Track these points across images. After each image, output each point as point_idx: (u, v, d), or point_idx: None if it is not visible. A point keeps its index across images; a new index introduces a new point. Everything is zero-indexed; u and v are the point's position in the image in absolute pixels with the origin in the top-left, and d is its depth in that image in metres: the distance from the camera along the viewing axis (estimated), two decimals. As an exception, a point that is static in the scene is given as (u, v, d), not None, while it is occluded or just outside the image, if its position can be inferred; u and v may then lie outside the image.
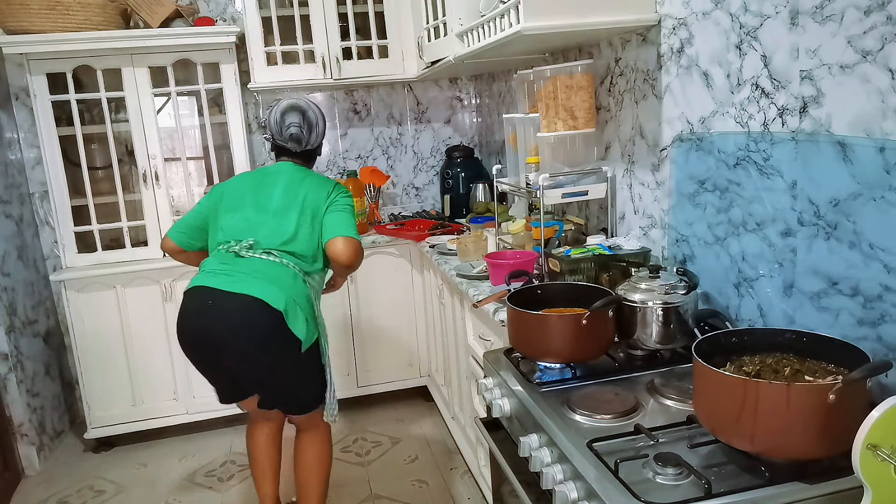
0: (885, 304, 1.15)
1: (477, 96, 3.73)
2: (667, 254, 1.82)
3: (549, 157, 2.04)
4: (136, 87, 2.92)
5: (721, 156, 1.54)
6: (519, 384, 1.43)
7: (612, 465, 1.05)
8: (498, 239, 2.43)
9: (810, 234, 1.30)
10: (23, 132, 3.19)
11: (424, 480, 2.65)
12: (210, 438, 3.14)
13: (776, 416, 0.97)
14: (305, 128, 2.08)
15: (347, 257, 1.94)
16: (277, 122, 2.07)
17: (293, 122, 2.07)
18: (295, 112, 2.08)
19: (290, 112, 2.07)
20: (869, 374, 0.95)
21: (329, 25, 3.07)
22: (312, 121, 2.10)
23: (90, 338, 2.97)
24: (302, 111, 2.08)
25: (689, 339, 1.40)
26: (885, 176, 1.12)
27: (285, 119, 2.07)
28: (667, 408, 1.28)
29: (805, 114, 1.30)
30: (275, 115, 2.08)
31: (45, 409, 3.12)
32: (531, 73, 2.08)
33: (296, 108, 2.08)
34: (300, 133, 2.07)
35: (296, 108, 2.08)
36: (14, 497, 2.77)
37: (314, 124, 2.10)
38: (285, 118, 2.07)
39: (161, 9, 2.90)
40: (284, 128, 2.07)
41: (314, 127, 2.10)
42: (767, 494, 0.98)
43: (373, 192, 3.47)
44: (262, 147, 3.52)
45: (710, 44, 1.56)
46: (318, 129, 2.12)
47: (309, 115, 2.09)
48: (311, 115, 2.10)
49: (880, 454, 0.84)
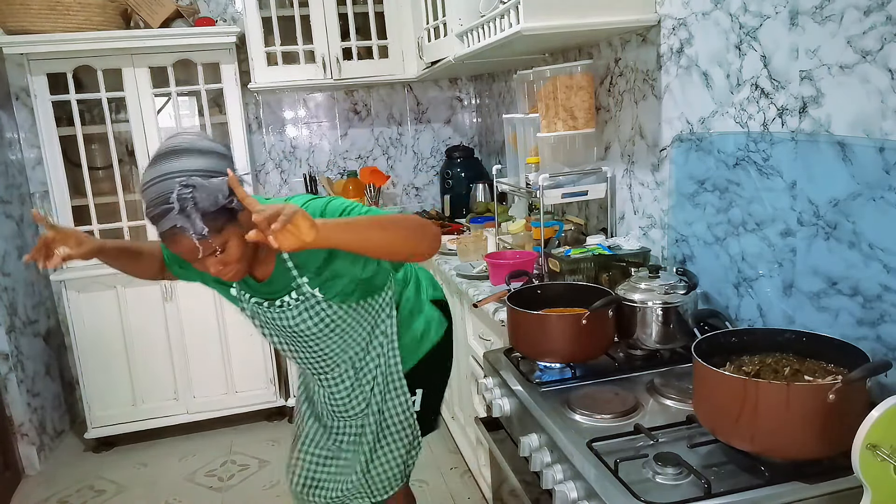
0: (884, 304, 1.15)
1: (477, 96, 3.73)
2: (666, 254, 1.83)
3: (549, 157, 2.04)
4: (136, 87, 2.92)
5: (721, 156, 1.54)
6: (519, 384, 1.43)
7: (612, 464, 1.05)
8: (498, 239, 2.43)
9: (810, 234, 1.30)
10: (23, 132, 3.19)
11: (424, 480, 2.65)
12: (210, 438, 3.14)
13: (776, 416, 0.97)
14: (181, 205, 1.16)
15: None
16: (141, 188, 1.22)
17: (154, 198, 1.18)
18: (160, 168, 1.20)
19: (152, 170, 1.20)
20: (869, 374, 0.95)
21: (329, 25, 3.07)
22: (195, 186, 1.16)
23: (90, 338, 2.97)
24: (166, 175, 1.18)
25: (689, 339, 1.40)
26: (884, 176, 1.12)
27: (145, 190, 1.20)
28: (666, 408, 1.28)
29: (805, 114, 1.30)
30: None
31: (46, 408, 3.12)
32: (531, 74, 2.08)
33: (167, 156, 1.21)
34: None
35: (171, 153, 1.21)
36: (14, 497, 2.77)
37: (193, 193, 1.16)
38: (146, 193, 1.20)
39: (161, 9, 2.90)
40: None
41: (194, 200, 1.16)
42: (767, 494, 0.98)
43: (373, 192, 3.47)
44: (263, 147, 3.52)
45: (710, 44, 1.56)
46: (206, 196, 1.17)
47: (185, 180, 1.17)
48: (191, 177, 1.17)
49: (880, 454, 0.84)
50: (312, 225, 1.09)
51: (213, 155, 1.24)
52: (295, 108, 3.55)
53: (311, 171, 3.55)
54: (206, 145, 1.26)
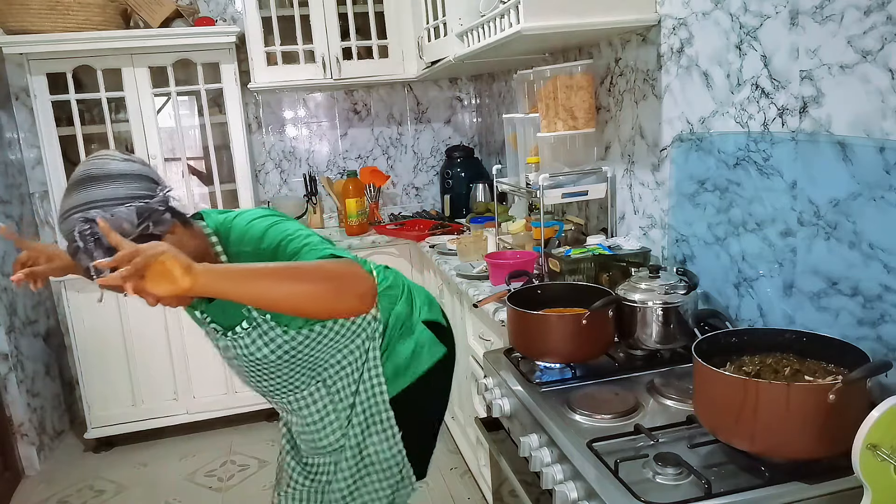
0: (884, 304, 1.15)
1: (477, 96, 3.73)
2: (667, 254, 1.82)
3: (549, 157, 2.04)
4: (136, 87, 2.92)
5: (721, 156, 1.54)
6: (519, 384, 1.43)
7: (612, 464, 1.05)
8: (498, 239, 2.43)
9: (810, 234, 1.30)
10: (23, 132, 3.19)
11: (424, 480, 2.64)
12: (210, 438, 3.14)
13: (776, 416, 0.97)
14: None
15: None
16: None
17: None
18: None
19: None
20: (869, 374, 0.95)
21: (329, 25, 3.07)
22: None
23: (90, 338, 2.97)
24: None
25: (689, 339, 1.40)
26: (884, 176, 1.12)
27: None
28: (667, 408, 1.28)
29: (805, 114, 1.30)
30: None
31: (45, 409, 3.12)
32: (531, 73, 2.08)
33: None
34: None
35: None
36: (14, 497, 2.77)
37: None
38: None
39: (161, 9, 2.90)
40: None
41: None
42: (767, 494, 0.98)
43: (373, 192, 3.47)
44: (262, 147, 3.52)
45: (710, 44, 1.56)
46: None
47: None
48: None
49: (880, 454, 0.84)
50: (187, 271, 0.97)
51: (123, 180, 1.15)
52: (295, 108, 3.55)
53: (311, 171, 3.55)
54: (115, 169, 1.16)
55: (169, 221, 1.19)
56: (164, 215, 1.18)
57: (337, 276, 1.11)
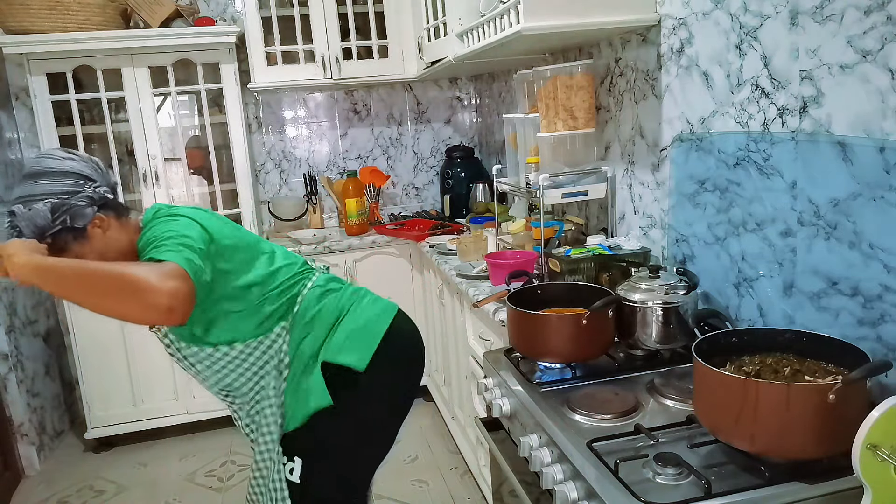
0: (884, 304, 1.15)
1: (477, 96, 3.73)
2: (667, 254, 1.82)
3: (549, 157, 2.04)
4: (136, 87, 2.92)
5: (721, 156, 1.54)
6: (519, 384, 1.43)
7: (612, 465, 1.05)
8: (498, 239, 2.43)
9: (810, 234, 1.30)
10: (23, 132, 3.19)
11: (424, 480, 2.65)
12: (210, 438, 3.14)
13: (776, 416, 0.97)
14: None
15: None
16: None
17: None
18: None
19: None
20: (869, 374, 0.95)
21: (329, 25, 3.07)
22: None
23: (90, 338, 2.97)
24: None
25: (689, 339, 1.40)
26: (884, 176, 1.12)
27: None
28: (667, 408, 1.28)
29: (805, 114, 1.30)
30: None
31: (45, 409, 3.12)
32: (531, 73, 2.08)
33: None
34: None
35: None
36: (14, 497, 2.77)
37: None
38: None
39: (161, 9, 2.90)
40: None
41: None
42: (767, 494, 0.98)
43: (373, 192, 3.47)
44: (262, 147, 3.52)
45: (710, 44, 1.56)
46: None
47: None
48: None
49: (880, 454, 0.84)
50: (25, 263, 1.13)
51: (47, 177, 1.25)
52: (295, 108, 3.55)
53: (311, 171, 3.55)
54: (45, 167, 1.26)
55: (90, 216, 1.29)
56: (84, 210, 1.28)
57: (131, 285, 1.11)
